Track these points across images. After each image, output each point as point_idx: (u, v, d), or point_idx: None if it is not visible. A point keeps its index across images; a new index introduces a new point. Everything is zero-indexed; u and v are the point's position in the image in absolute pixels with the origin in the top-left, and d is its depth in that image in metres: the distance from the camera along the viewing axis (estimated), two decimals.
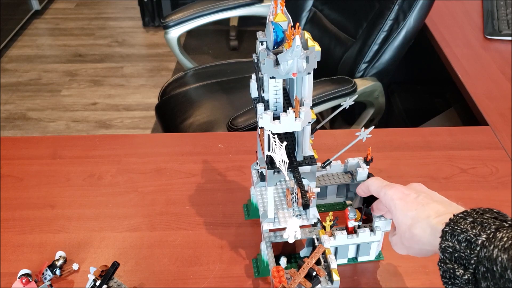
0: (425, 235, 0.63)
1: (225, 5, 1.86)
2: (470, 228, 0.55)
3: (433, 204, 0.65)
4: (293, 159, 0.73)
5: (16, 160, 1.09)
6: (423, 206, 0.65)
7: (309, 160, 0.73)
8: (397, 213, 0.68)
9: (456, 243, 0.56)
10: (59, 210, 0.97)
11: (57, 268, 0.82)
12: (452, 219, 0.58)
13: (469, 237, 0.54)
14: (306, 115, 0.67)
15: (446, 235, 0.57)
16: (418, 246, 0.65)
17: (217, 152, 1.11)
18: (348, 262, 0.85)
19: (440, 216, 0.62)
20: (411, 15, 1.40)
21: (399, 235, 0.69)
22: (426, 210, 0.64)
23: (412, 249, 0.68)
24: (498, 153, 1.10)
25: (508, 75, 1.36)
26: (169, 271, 0.85)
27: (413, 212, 0.66)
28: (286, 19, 0.65)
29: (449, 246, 0.57)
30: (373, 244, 0.82)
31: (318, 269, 0.72)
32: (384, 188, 0.72)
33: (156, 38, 3.26)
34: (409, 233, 0.65)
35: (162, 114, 1.69)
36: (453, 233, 0.56)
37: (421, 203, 0.66)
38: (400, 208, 0.67)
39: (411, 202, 0.67)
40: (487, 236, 0.53)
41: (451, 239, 0.57)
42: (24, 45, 3.20)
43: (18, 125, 2.54)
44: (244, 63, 1.89)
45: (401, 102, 1.91)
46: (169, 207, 0.97)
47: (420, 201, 0.66)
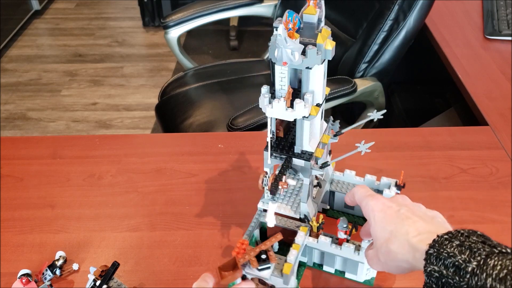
0: (403, 252, 0.60)
1: (225, 5, 1.86)
2: (458, 253, 0.52)
3: (413, 219, 0.62)
4: (290, 149, 0.75)
5: (16, 160, 1.09)
6: (402, 221, 0.62)
7: (304, 155, 0.74)
8: (376, 225, 0.65)
9: (443, 267, 0.53)
10: (59, 210, 0.97)
11: (57, 268, 0.82)
12: (436, 241, 0.55)
13: (457, 263, 0.52)
14: (300, 108, 0.67)
15: (431, 257, 0.55)
16: (394, 263, 0.63)
17: (217, 152, 1.11)
18: (335, 273, 0.83)
19: (420, 234, 0.59)
20: (411, 15, 1.40)
21: (375, 249, 0.66)
22: (405, 225, 0.61)
23: (387, 266, 0.65)
24: (498, 153, 1.10)
25: (508, 75, 1.36)
26: (169, 271, 0.85)
27: (392, 226, 0.62)
28: (315, 12, 0.66)
29: (435, 270, 0.54)
30: (361, 265, 0.79)
31: (271, 255, 0.71)
32: (366, 198, 0.69)
33: (156, 38, 3.26)
34: (385, 248, 0.63)
35: (162, 114, 1.69)
36: (439, 257, 0.54)
37: (400, 217, 0.63)
38: (379, 220, 0.64)
39: (391, 216, 0.64)
40: (477, 263, 0.51)
41: (436, 263, 0.54)
42: (24, 45, 3.20)
43: (18, 125, 2.54)
44: (244, 63, 1.89)
45: (401, 102, 1.91)
46: (169, 207, 0.97)
47: (400, 215, 0.63)
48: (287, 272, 0.71)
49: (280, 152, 0.76)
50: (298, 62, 0.65)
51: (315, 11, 0.67)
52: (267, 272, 0.71)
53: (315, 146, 0.75)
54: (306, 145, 0.74)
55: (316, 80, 0.70)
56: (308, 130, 0.72)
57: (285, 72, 0.68)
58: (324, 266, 0.84)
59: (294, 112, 0.68)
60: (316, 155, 0.75)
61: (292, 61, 0.64)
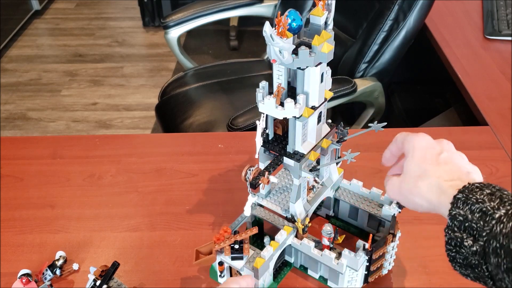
0: (429, 192, 0.61)
1: (225, 5, 1.86)
2: (487, 200, 0.53)
3: (450, 166, 0.62)
4: (283, 148, 0.75)
5: (16, 160, 1.09)
6: (439, 164, 0.62)
7: (294, 155, 0.74)
8: (412, 160, 0.64)
9: (469, 212, 0.54)
10: (59, 210, 0.97)
11: (57, 268, 0.82)
12: (467, 187, 0.56)
13: (485, 209, 0.53)
14: (289, 107, 0.68)
15: (458, 202, 0.55)
16: (414, 198, 0.63)
17: (217, 152, 1.11)
18: (319, 279, 0.83)
19: (452, 180, 0.60)
20: (411, 15, 1.39)
21: (401, 179, 0.66)
22: (441, 169, 0.62)
23: (405, 197, 0.65)
24: (498, 153, 1.10)
25: (508, 75, 1.36)
26: (169, 271, 0.85)
27: (428, 166, 0.62)
28: (322, 14, 0.66)
29: (460, 214, 0.55)
30: (341, 276, 0.77)
31: (245, 247, 0.73)
32: (411, 134, 0.68)
33: (156, 38, 3.26)
34: (413, 183, 0.63)
35: (162, 114, 1.69)
36: (467, 201, 0.55)
37: (439, 161, 0.63)
38: (417, 157, 0.64)
39: (430, 156, 0.64)
40: (506, 212, 0.51)
41: (463, 207, 0.55)
42: (24, 45, 3.20)
43: (18, 125, 2.54)
44: (244, 63, 1.89)
45: (401, 102, 1.91)
46: (169, 207, 0.97)
47: (439, 159, 0.63)
48: (257, 266, 0.72)
49: (273, 149, 0.76)
50: (288, 61, 0.65)
51: (322, 13, 0.67)
52: (238, 263, 0.73)
53: (309, 148, 0.75)
54: (298, 146, 0.74)
55: (311, 82, 0.69)
56: (300, 131, 0.72)
57: (282, 70, 0.69)
58: (309, 270, 0.84)
59: (284, 111, 0.69)
60: (310, 158, 0.75)
61: (280, 59, 0.64)
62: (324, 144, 0.77)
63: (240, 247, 0.74)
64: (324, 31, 0.66)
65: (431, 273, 0.84)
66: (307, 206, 0.81)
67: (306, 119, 0.71)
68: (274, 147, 0.76)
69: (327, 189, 0.85)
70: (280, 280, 0.83)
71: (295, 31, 0.66)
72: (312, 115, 0.72)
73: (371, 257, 0.76)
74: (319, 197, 0.84)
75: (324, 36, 0.66)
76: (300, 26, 0.67)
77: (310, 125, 0.74)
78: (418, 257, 0.87)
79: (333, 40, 0.68)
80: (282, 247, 0.78)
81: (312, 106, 0.72)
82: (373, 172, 1.04)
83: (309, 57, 0.65)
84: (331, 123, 0.80)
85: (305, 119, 0.71)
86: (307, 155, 0.75)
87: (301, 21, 0.66)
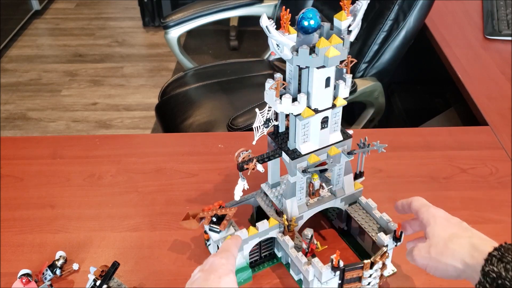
0: (462, 250, 0.62)
1: (225, 5, 1.86)
2: None
3: (475, 231, 0.65)
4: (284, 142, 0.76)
5: (16, 160, 1.09)
6: (466, 229, 0.66)
7: (292, 152, 0.74)
8: (436, 226, 0.67)
9: (503, 270, 0.55)
10: (59, 210, 0.97)
11: (57, 268, 0.82)
12: (502, 246, 0.58)
13: None
14: (286, 102, 0.69)
15: (492, 259, 0.57)
16: (447, 260, 0.64)
17: (217, 152, 1.11)
18: (297, 281, 0.83)
19: (483, 241, 0.62)
20: (411, 15, 1.40)
21: (429, 244, 0.67)
22: (469, 232, 0.65)
23: (437, 262, 0.65)
24: (498, 153, 1.10)
25: (508, 75, 1.36)
26: (169, 271, 0.85)
27: (454, 230, 0.66)
28: (343, 18, 0.66)
29: (493, 271, 0.56)
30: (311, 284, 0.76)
31: (225, 223, 0.76)
32: (427, 206, 0.72)
33: (156, 38, 3.26)
34: (443, 244, 0.65)
35: (162, 114, 1.69)
36: (502, 259, 0.56)
37: (463, 227, 0.67)
38: (441, 223, 0.68)
39: (453, 224, 0.67)
40: None
41: (497, 264, 0.56)
42: (24, 45, 3.20)
43: (18, 125, 2.54)
44: (244, 63, 1.89)
45: (401, 102, 1.91)
46: (169, 207, 0.97)
47: (463, 226, 0.67)
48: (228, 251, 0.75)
49: (276, 141, 0.77)
50: (286, 56, 0.66)
51: (345, 17, 0.66)
52: (214, 235, 0.78)
53: (308, 150, 0.75)
54: (297, 144, 0.74)
55: (314, 84, 0.69)
56: (300, 129, 0.72)
57: (291, 68, 0.69)
58: (291, 269, 0.84)
59: (280, 105, 0.69)
60: (308, 160, 0.75)
61: (278, 53, 0.65)
62: (331, 152, 0.76)
63: (218, 221, 0.77)
64: (335, 35, 0.65)
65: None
66: (303, 208, 0.81)
67: (304, 119, 0.71)
68: (277, 140, 0.77)
69: (335, 199, 0.83)
70: (258, 271, 0.85)
71: (307, 30, 0.66)
72: (312, 117, 0.71)
73: (343, 276, 0.74)
74: (322, 204, 0.83)
75: (333, 40, 0.65)
76: (312, 27, 0.66)
77: (312, 127, 0.73)
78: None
79: (343, 47, 0.66)
80: (260, 236, 0.79)
81: (314, 109, 0.71)
82: (372, 172, 1.05)
83: (309, 58, 0.65)
84: (347, 133, 0.78)
85: (302, 118, 0.71)
86: (305, 156, 0.74)
87: (316, 21, 0.65)
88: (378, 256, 0.75)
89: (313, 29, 0.66)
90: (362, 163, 0.83)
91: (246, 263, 0.82)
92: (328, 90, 0.71)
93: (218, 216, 0.78)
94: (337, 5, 0.69)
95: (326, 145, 0.76)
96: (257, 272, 0.85)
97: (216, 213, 0.78)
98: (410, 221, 0.78)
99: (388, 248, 0.77)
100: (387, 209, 0.96)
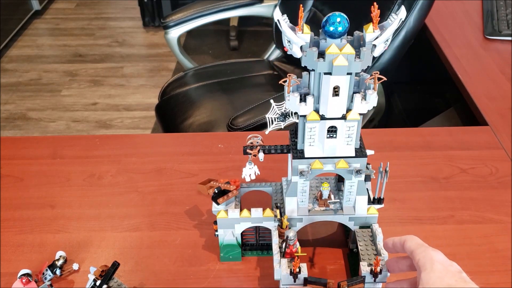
0: None
1: (225, 5, 1.86)
2: None
3: (474, 286, 0.60)
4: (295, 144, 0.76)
5: (16, 160, 1.09)
6: (465, 281, 0.60)
7: (298, 153, 0.74)
8: (432, 274, 0.61)
9: None
10: (59, 210, 0.97)
11: (57, 268, 0.82)
12: None
13: None
14: (293, 100, 0.68)
15: None
16: None
17: (217, 152, 1.11)
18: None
19: None
20: (411, 15, 1.39)
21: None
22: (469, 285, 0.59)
23: None
24: (498, 153, 1.10)
25: (508, 75, 1.36)
26: (169, 271, 0.85)
27: (452, 281, 0.59)
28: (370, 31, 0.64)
29: None
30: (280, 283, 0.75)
31: (224, 198, 0.80)
32: (423, 247, 0.65)
33: (156, 38, 3.26)
34: None
35: (162, 114, 1.69)
36: None
37: (463, 279, 0.60)
38: (438, 270, 0.61)
39: (452, 272, 0.61)
40: None
41: None
42: (24, 45, 3.20)
43: (18, 125, 2.54)
44: (244, 63, 1.89)
45: (401, 102, 1.91)
46: (169, 207, 0.98)
47: (462, 277, 0.61)
48: (216, 216, 0.81)
49: (290, 138, 0.77)
50: (296, 54, 0.65)
51: (370, 30, 0.64)
52: (214, 205, 0.82)
53: (313, 154, 0.73)
54: (301, 145, 0.73)
55: (323, 89, 0.67)
56: (302, 130, 0.71)
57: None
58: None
59: (288, 102, 0.69)
60: (312, 166, 0.73)
61: (289, 49, 0.65)
62: (338, 164, 0.73)
63: (218, 195, 0.81)
64: (348, 45, 0.63)
65: None
66: (303, 211, 0.79)
67: (308, 121, 0.69)
68: (291, 137, 0.77)
69: (342, 216, 0.80)
70: (251, 255, 0.87)
71: (332, 34, 0.63)
72: (317, 122, 0.70)
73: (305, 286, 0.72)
74: (327, 215, 0.80)
75: (344, 49, 0.63)
76: (339, 32, 0.63)
77: (318, 133, 0.71)
78: None
79: (356, 59, 0.64)
80: (253, 221, 0.82)
81: (321, 115, 0.69)
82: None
83: (316, 61, 0.64)
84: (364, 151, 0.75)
85: (304, 119, 0.70)
86: (308, 160, 0.73)
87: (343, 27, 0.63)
88: (347, 282, 0.72)
89: (340, 34, 0.64)
90: (382, 190, 0.78)
91: (237, 242, 0.85)
92: (337, 99, 0.68)
93: (221, 190, 0.82)
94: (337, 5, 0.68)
95: (332, 155, 0.73)
96: (249, 256, 0.87)
97: (219, 186, 0.82)
98: (398, 259, 0.72)
99: (366, 280, 0.74)
100: (387, 209, 0.96)
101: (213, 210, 0.83)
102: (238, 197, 0.86)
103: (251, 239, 0.87)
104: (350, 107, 0.70)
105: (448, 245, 0.89)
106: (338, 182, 0.85)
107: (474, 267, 0.85)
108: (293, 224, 0.80)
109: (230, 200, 0.82)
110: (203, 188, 0.83)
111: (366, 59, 0.65)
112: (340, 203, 0.81)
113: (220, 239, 0.85)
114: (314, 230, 0.89)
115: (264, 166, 0.80)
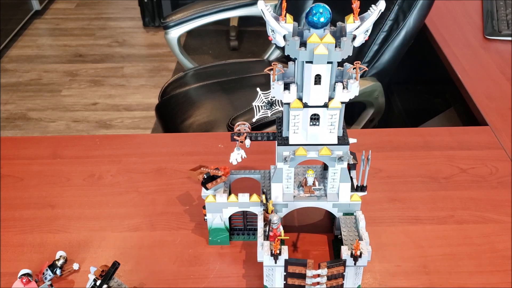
0: None
1: (225, 5, 1.86)
2: None
3: None
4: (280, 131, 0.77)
5: (16, 160, 1.09)
6: None
7: (282, 140, 0.76)
8: None
9: None
10: (59, 210, 0.97)
11: (57, 268, 0.82)
12: None
13: None
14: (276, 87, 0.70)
15: None
16: None
17: (217, 152, 1.11)
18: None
19: None
20: (411, 15, 1.40)
21: None
22: None
23: None
24: (498, 153, 1.10)
25: (508, 75, 1.36)
26: (169, 271, 0.85)
27: None
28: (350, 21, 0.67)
29: None
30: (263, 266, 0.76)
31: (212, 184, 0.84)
32: None
33: (156, 38, 3.26)
34: None
35: (162, 114, 1.69)
36: None
37: None
38: None
39: None
40: None
41: None
42: (24, 45, 3.20)
43: (19, 125, 2.54)
44: (244, 63, 1.89)
45: (401, 102, 1.91)
46: (169, 207, 0.98)
47: None
48: (204, 200, 0.84)
49: (277, 126, 0.79)
50: (279, 43, 0.67)
51: (351, 20, 0.67)
52: (203, 190, 0.84)
53: (297, 142, 0.75)
54: (285, 132, 0.76)
55: (305, 78, 0.69)
56: (287, 117, 0.73)
57: None
58: None
59: (273, 90, 0.72)
60: (296, 151, 0.75)
61: (272, 38, 0.67)
62: (321, 151, 0.75)
63: (208, 180, 0.84)
64: (329, 35, 0.66)
65: (431, 273, 0.84)
66: (288, 197, 0.81)
67: (292, 109, 0.72)
68: (278, 125, 0.78)
69: (326, 202, 0.82)
70: (238, 240, 0.90)
71: (314, 24, 0.65)
72: (300, 109, 0.72)
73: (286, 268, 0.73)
74: (311, 201, 0.82)
75: (324, 39, 0.65)
76: (321, 22, 0.65)
77: (301, 120, 0.74)
78: (418, 257, 0.87)
79: (336, 49, 0.66)
80: (240, 206, 0.84)
81: (304, 103, 0.72)
82: (372, 172, 1.05)
83: (297, 49, 0.66)
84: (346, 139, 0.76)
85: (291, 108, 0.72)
86: (292, 146, 0.75)
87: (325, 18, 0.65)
88: (327, 263, 0.72)
89: (322, 24, 0.66)
90: (365, 178, 0.80)
91: (225, 227, 0.88)
92: (319, 88, 0.71)
93: (210, 176, 0.84)
94: (336, 5, 0.69)
95: (315, 143, 0.76)
96: (237, 240, 0.90)
97: (208, 172, 0.84)
98: None
99: (347, 264, 0.74)
100: (387, 209, 0.96)
101: (202, 195, 0.85)
102: (227, 184, 0.88)
103: (239, 224, 0.90)
104: (332, 95, 0.72)
105: (448, 245, 0.89)
106: (324, 170, 0.87)
107: (474, 267, 0.85)
108: (279, 209, 0.82)
109: (219, 185, 0.85)
110: (194, 174, 0.85)
111: (346, 49, 0.67)
112: (324, 189, 0.83)
113: (208, 223, 0.87)
114: (301, 217, 0.90)
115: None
